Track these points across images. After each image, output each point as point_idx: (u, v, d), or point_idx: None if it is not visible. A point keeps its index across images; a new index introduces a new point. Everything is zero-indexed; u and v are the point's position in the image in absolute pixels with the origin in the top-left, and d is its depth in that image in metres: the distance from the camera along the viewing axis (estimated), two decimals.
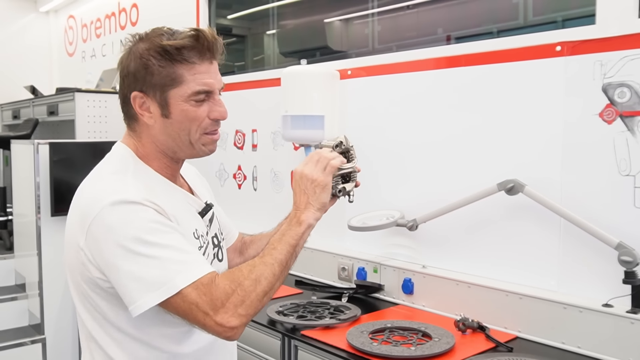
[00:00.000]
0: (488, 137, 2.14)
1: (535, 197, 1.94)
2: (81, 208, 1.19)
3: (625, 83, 1.78)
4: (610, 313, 1.77)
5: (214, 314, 1.11)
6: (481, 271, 2.16)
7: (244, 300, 1.12)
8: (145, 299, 1.10)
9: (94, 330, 1.23)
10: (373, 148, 2.56)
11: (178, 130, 1.23)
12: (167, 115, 1.22)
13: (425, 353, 1.77)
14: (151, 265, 1.10)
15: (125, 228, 1.12)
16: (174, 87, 1.20)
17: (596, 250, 1.84)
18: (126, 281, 1.11)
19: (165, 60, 1.19)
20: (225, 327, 1.11)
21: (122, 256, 1.11)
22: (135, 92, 1.22)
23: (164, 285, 1.09)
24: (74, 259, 1.20)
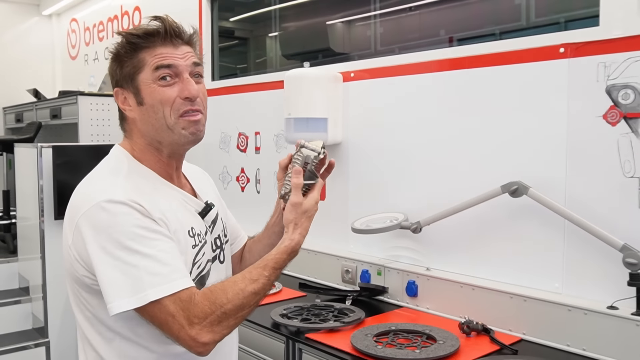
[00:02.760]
0: (492, 139, 2.14)
1: (539, 199, 1.94)
2: (71, 208, 1.21)
3: (629, 85, 1.78)
4: (615, 315, 1.76)
5: (190, 328, 1.13)
6: (485, 273, 2.16)
7: (221, 321, 1.15)
8: (119, 302, 1.11)
9: (86, 329, 1.25)
10: (376, 150, 2.55)
11: (154, 115, 1.25)
12: (141, 102, 1.25)
13: (430, 356, 1.76)
14: (127, 272, 1.11)
15: (108, 230, 1.13)
16: (140, 72, 1.24)
17: (601, 252, 1.84)
18: (104, 281, 1.13)
19: (131, 51, 1.25)
20: (198, 342, 1.13)
21: (102, 258, 1.13)
22: (116, 88, 1.29)
23: (137, 294, 1.11)
24: (66, 259, 1.23)
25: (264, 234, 1.60)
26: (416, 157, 2.40)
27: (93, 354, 1.25)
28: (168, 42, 1.27)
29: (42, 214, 3.51)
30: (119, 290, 1.11)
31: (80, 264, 1.18)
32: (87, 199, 1.18)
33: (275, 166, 1.45)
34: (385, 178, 2.51)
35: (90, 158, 3.60)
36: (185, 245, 1.26)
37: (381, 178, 2.53)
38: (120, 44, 1.27)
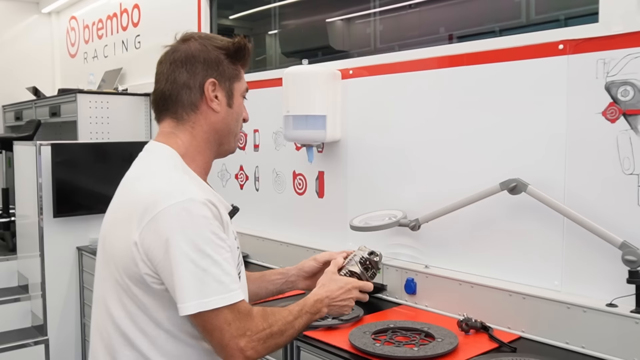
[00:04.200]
0: (490, 136, 2.13)
1: (538, 197, 1.93)
2: (139, 203, 1.19)
3: (629, 81, 1.77)
4: (614, 313, 1.76)
5: (240, 339, 1.17)
6: (484, 271, 2.15)
7: (266, 340, 1.22)
8: (188, 304, 1.14)
9: (126, 327, 1.24)
10: (374, 148, 2.55)
11: (233, 121, 1.36)
12: (231, 105, 1.35)
13: (428, 354, 1.76)
14: (198, 276, 1.14)
15: (188, 231, 1.15)
16: (236, 81, 1.36)
17: (600, 249, 1.83)
18: (177, 282, 1.14)
19: (231, 58, 1.34)
20: (244, 354, 1.18)
21: (179, 258, 1.14)
22: (212, 78, 1.31)
23: (203, 299, 1.14)
24: (122, 254, 1.21)
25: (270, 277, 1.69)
26: (415, 154, 2.39)
27: (132, 353, 1.24)
28: (247, 65, 1.41)
29: (41, 212, 3.51)
30: (188, 292, 1.14)
31: (145, 262, 1.18)
32: (164, 197, 1.17)
33: (274, 163, 1.47)
34: (384, 175, 2.50)
35: (89, 156, 3.66)
36: (236, 250, 1.32)
37: (380, 175, 2.52)
38: (223, 47, 1.34)
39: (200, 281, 1.14)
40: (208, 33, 1.40)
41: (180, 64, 1.31)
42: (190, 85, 1.30)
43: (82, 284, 3.68)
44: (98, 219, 3.62)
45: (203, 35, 1.36)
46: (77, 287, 3.69)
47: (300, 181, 2.93)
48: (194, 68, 1.31)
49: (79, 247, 3.67)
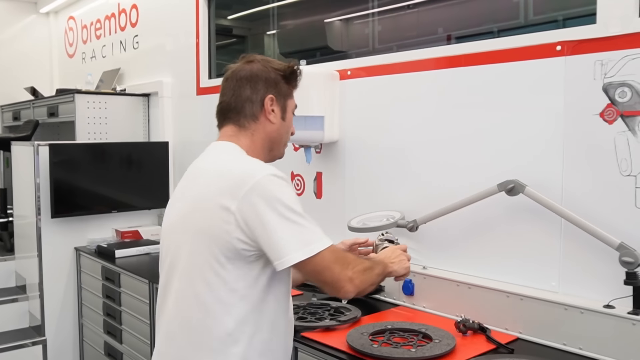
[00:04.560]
0: (488, 137, 2.13)
1: (536, 198, 1.93)
2: (232, 179, 1.38)
3: (626, 83, 1.77)
4: (611, 314, 1.76)
5: (347, 271, 1.40)
6: (482, 272, 2.15)
7: (364, 273, 1.47)
8: (292, 256, 1.33)
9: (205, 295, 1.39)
10: (373, 149, 2.55)
11: (284, 132, 1.60)
12: (284, 118, 1.59)
13: (425, 355, 1.76)
14: (298, 230, 1.35)
15: (280, 196, 1.35)
16: (289, 99, 1.61)
17: (597, 251, 1.83)
18: (277, 240, 1.33)
19: (287, 79, 1.59)
20: (353, 282, 1.41)
21: (277, 219, 1.34)
22: (271, 95, 1.55)
23: (306, 247, 1.34)
24: (214, 225, 1.37)
25: None
26: (413, 155, 2.39)
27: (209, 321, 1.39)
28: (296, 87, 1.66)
29: (38, 212, 3.51)
30: (292, 245, 1.34)
31: (240, 227, 1.35)
32: (253, 172, 1.38)
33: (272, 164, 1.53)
34: (382, 176, 2.50)
35: (87, 156, 3.66)
36: None
37: (378, 176, 2.52)
38: (280, 69, 1.57)
39: (300, 234, 1.35)
40: (268, 57, 1.62)
41: (245, 81, 1.54)
42: (252, 99, 1.53)
43: (80, 285, 3.67)
44: (96, 220, 3.70)
45: (264, 58, 1.59)
46: (74, 287, 3.69)
47: (299, 182, 2.92)
48: (257, 85, 1.54)
49: (76, 248, 3.67)
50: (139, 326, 3.02)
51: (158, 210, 4.03)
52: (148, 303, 2.92)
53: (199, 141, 3.72)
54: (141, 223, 3.93)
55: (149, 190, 3.89)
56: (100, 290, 3.41)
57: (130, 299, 3.11)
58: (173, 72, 4.02)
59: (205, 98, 3.69)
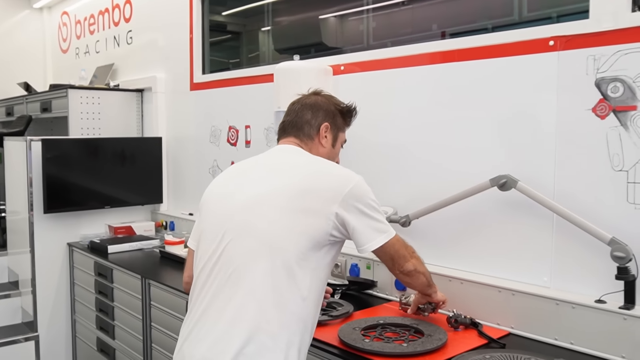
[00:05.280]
0: (481, 132, 2.13)
1: (528, 193, 1.93)
2: (332, 186, 1.58)
3: (619, 78, 1.77)
4: (603, 309, 1.76)
5: (412, 253, 1.77)
6: (474, 267, 2.16)
7: (419, 258, 1.81)
8: (379, 239, 1.62)
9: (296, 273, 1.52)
10: (366, 144, 2.54)
11: (332, 157, 1.82)
12: (334, 145, 1.85)
13: (417, 349, 1.76)
14: (381, 220, 1.64)
15: (370, 195, 1.62)
16: (342, 132, 1.88)
17: (589, 246, 1.83)
18: (366, 228, 1.59)
19: (343, 114, 1.88)
20: (414, 268, 1.75)
21: (367, 212, 1.59)
22: (327, 123, 1.81)
23: (385, 232, 1.63)
24: (313, 225, 1.53)
25: None
26: (406, 150, 2.39)
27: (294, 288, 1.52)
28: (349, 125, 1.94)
29: (31, 208, 3.49)
30: (374, 233, 1.61)
31: (339, 222, 1.55)
32: (348, 178, 1.61)
33: None
34: (375, 172, 2.50)
35: (81, 151, 3.64)
36: None
37: (371, 172, 2.51)
38: (340, 107, 1.87)
39: (379, 225, 1.62)
40: (331, 94, 1.91)
41: (309, 107, 1.81)
42: (311, 123, 1.79)
43: (73, 280, 3.66)
44: (89, 215, 3.69)
45: (328, 94, 1.90)
46: (67, 283, 3.67)
47: None
48: (318, 113, 1.80)
49: (69, 243, 3.65)
50: (132, 322, 3.01)
51: (151, 206, 4.02)
52: (140, 299, 2.91)
53: (193, 137, 3.72)
54: (134, 219, 3.92)
55: (142, 185, 3.88)
56: (92, 286, 3.40)
57: (122, 294, 3.10)
58: (167, 67, 4.00)
59: (199, 93, 3.68)
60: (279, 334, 1.48)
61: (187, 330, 1.57)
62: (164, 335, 2.76)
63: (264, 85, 3.06)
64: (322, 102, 1.83)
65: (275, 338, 1.47)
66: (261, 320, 1.47)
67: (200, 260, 1.62)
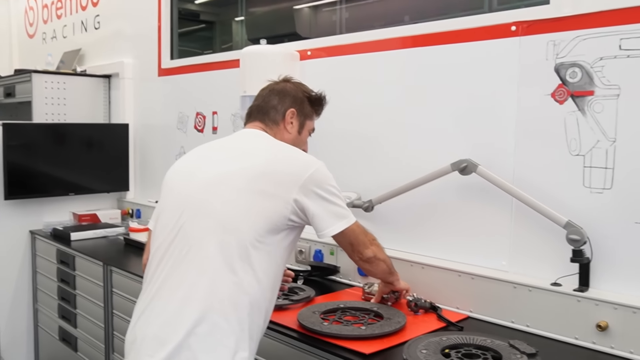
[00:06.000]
0: (444, 117, 2.13)
1: (488, 177, 1.94)
2: (293, 170, 1.58)
3: (577, 63, 1.79)
4: (558, 292, 1.78)
5: (370, 245, 1.76)
6: (435, 252, 2.16)
7: (379, 245, 1.82)
8: (338, 225, 1.62)
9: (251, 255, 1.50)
10: (331, 130, 2.53)
11: (298, 144, 1.79)
12: (300, 132, 1.83)
13: (375, 332, 1.75)
14: (341, 206, 1.64)
15: (330, 180, 1.63)
16: (309, 120, 1.87)
17: (547, 230, 1.85)
18: (325, 213, 1.59)
19: (313, 103, 1.87)
20: (373, 255, 1.76)
21: (327, 197, 1.59)
22: (293, 109, 1.80)
23: (345, 218, 1.64)
24: (271, 208, 1.53)
25: None
26: (370, 136, 2.38)
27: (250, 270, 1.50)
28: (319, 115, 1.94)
29: None
30: (334, 219, 1.61)
31: (298, 207, 1.54)
32: (308, 163, 1.61)
33: None
34: (340, 157, 2.49)
35: (44, 137, 3.56)
36: None
37: (336, 157, 2.50)
38: (310, 95, 1.87)
39: (340, 211, 1.63)
40: (303, 84, 1.91)
41: (276, 93, 1.82)
42: (277, 109, 1.79)
43: (35, 269, 3.59)
44: (53, 202, 3.62)
45: (298, 82, 1.90)
46: (29, 271, 3.60)
47: None
48: (284, 99, 1.81)
49: (32, 231, 3.58)
50: (94, 310, 2.96)
51: (118, 194, 3.96)
52: (102, 286, 2.87)
53: (160, 124, 3.67)
54: (100, 206, 3.86)
55: (109, 173, 3.82)
56: (55, 274, 3.34)
57: (85, 282, 3.04)
58: (135, 53, 3.94)
59: (167, 79, 3.63)
60: (231, 315, 1.46)
61: (141, 309, 1.54)
62: (126, 323, 2.71)
63: (231, 70, 3.03)
64: (290, 89, 1.84)
65: (228, 319, 1.46)
66: (213, 300, 1.45)
67: (157, 239, 1.60)
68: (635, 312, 1.63)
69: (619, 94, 1.71)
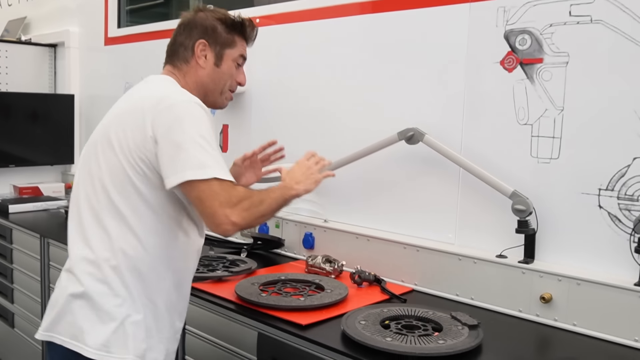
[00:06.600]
0: (392, 86, 2.07)
1: (434, 146, 1.88)
2: (153, 99, 1.41)
3: (527, 30, 1.74)
4: (503, 264, 1.74)
5: (226, 206, 1.36)
6: (382, 225, 2.10)
7: (249, 209, 1.40)
8: (183, 174, 1.34)
9: (119, 202, 1.41)
10: (281, 100, 2.45)
11: (220, 79, 1.60)
12: (218, 65, 1.59)
13: (314, 303, 1.69)
14: (200, 152, 1.35)
15: (192, 120, 1.38)
16: (229, 48, 1.61)
17: (494, 201, 1.81)
18: (175, 156, 1.35)
19: (234, 30, 1.61)
20: (229, 219, 1.36)
21: (183, 136, 1.35)
22: (203, 40, 1.57)
23: (202, 169, 1.34)
24: (133, 139, 1.39)
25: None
26: (320, 105, 2.30)
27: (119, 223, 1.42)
28: (250, 43, 1.69)
29: None
30: (189, 164, 1.34)
31: (153, 145, 1.37)
32: (177, 96, 1.42)
33: None
34: (288, 127, 2.41)
35: None
36: None
37: (284, 127, 2.43)
38: (223, 19, 1.60)
39: (201, 156, 1.35)
40: (221, 9, 1.64)
41: (183, 28, 1.60)
42: (185, 45, 1.58)
43: None
44: None
45: (214, 9, 1.63)
46: None
47: None
48: (192, 31, 1.58)
49: None
50: (31, 284, 2.83)
51: (62, 167, 3.80)
52: (39, 259, 2.73)
53: (107, 94, 3.52)
54: (43, 179, 3.70)
55: (53, 145, 3.66)
56: None
57: (22, 256, 2.90)
58: (81, 21, 3.77)
59: (114, 49, 3.48)
60: (112, 278, 1.41)
61: None
62: None
63: None
64: (199, 18, 1.59)
65: (109, 283, 1.41)
66: (91, 261, 1.42)
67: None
68: (579, 283, 1.60)
69: (568, 62, 1.67)
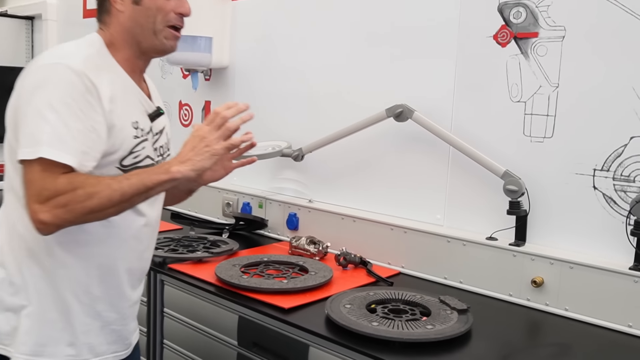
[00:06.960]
0: (381, 62, 1.99)
1: (424, 124, 1.81)
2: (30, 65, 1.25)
3: (522, 2, 1.66)
4: (493, 246, 1.68)
5: (35, 200, 1.14)
6: (369, 205, 2.04)
7: (67, 205, 1.14)
8: (18, 153, 1.15)
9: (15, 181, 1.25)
10: (265, 76, 2.36)
11: (145, 17, 1.33)
12: (137, 2, 1.33)
13: (297, 286, 1.62)
14: (39, 125, 1.15)
15: (45, 87, 1.17)
16: None
17: (485, 181, 1.74)
18: (18, 131, 1.17)
19: None
20: (37, 217, 1.14)
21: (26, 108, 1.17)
22: None
23: (31, 147, 1.13)
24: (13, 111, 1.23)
25: None
26: (306, 82, 2.22)
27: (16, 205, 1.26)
28: None
29: None
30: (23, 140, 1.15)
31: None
32: (42, 58, 1.24)
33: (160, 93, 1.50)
34: (272, 104, 2.32)
35: None
36: (126, 134, 1.29)
37: (268, 104, 2.34)
38: None
39: (37, 130, 1.14)
40: None
41: None
42: None
43: None
44: None
45: None
46: None
47: (186, 112, 2.70)
48: None
49: None
50: None
51: None
52: None
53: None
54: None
55: None
56: None
57: None
58: None
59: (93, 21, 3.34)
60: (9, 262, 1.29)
61: None
62: None
63: None
64: None
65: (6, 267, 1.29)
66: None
67: None
68: (572, 267, 1.54)
69: (564, 36, 1.60)
